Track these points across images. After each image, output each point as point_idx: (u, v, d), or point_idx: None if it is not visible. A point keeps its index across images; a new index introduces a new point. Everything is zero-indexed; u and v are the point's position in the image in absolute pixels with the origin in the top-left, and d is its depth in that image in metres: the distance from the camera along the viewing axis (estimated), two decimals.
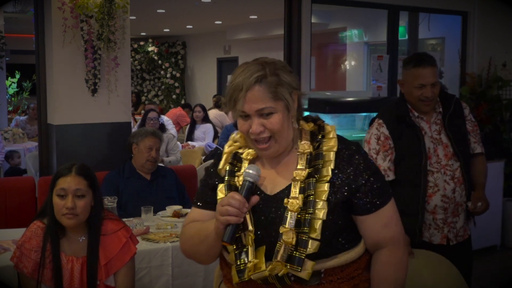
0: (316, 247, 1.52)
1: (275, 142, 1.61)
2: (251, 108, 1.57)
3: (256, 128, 1.58)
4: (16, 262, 2.35)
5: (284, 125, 1.60)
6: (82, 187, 2.29)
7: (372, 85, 5.44)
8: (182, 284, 3.01)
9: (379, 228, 1.63)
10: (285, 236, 1.52)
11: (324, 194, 1.55)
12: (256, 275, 1.55)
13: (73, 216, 2.27)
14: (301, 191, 1.56)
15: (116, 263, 2.36)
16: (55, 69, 4.05)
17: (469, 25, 5.97)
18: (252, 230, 1.57)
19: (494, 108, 5.73)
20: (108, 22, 3.90)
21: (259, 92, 1.56)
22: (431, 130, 2.84)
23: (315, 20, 7.42)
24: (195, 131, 7.85)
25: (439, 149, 2.81)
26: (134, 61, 13.24)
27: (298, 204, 1.54)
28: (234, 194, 1.54)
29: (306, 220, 1.53)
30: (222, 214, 1.52)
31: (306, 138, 1.65)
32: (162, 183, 3.85)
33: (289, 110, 1.61)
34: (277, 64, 1.62)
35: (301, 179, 1.58)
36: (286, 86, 1.59)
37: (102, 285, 2.35)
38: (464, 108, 2.95)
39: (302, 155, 1.62)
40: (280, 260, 1.52)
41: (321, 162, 1.59)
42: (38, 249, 2.31)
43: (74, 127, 4.12)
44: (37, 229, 2.36)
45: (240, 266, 1.57)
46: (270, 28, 10.39)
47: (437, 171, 2.78)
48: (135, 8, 5.20)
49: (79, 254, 2.34)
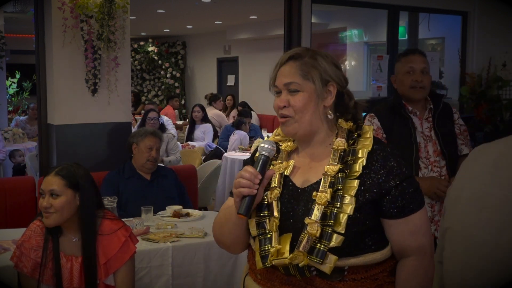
0: (340, 242, 1.51)
1: (295, 122, 1.62)
2: (280, 81, 1.62)
3: (280, 102, 1.62)
4: (16, 262, 2.36)
5: (308, 108, 1.61)
6: (56, 187, 2.30)
7: (372, 85, 5.44)
8: (182, 284, 3.01)
9: (406, 235, 1.60)
10: (309, 228, 1.52)
11: (353, 190, 1.55)
12: (278, 261, 1.55)
13: (49, 215, 2.29)
14: (330, 186, 1.57)
15: (116, 262, 2.36)
16: (55, 69, 4.05)
17: (469, 25, 5.98)
18: (277, 217, 1.58)
19: (494, 108, 5.74)
20: (108, 22, 3.91)
21: (291, 68, 1.62)
22: (423, 126, 2.89)
23: (315, 20, 7.42)
24: (194, 131, 7.85)
25: (429, 146, 2.86)
26: (134, 61, 13.24)
27: (326, 197, 1.54)
28: (247, 167, 1.56)
29: (332, 213, 1.53)
30: (236, 186, 1.55)
31: (342, 135, 1.65)
32: (162, 183, 3.85)
33: (318, 95, 1.62)
34: (321, 52, 1.66)
35: (331, 174, 1.58)
36: (320, 71, 1.62)
37: (102, 285, 2.34)
38: (454, 112, 3.01)
39: (336, 151, 1.62)
40: (302, 250, 1.52)
41: (353, 158, 1.59)
42: (38, 248, 2.32)
43: (74, 127, 4.12)
44: (37, 228, 2.37)
45: (264, 252, 1.58)
46: (270, 28, 10.40)
47: (425, 167, 2.83)
48: (135, 8, 5.20)
49: (78, 253, 2.35)
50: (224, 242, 1.76)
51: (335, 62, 1.66)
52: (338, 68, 1.66)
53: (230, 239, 1.72)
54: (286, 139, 1.73)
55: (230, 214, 1.65)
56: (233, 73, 12.50)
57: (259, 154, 1.60)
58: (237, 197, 1.55)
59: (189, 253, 3.02)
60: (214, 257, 3.07)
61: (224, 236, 1.73)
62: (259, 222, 1.60)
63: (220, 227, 1.74)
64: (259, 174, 1.55)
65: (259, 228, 1.60)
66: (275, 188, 1.62)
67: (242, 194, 1.54)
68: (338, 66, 1.67)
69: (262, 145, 1.60)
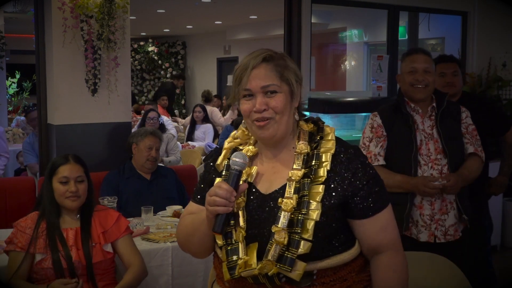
0: (308, 248, 1.51)
1: (275, 123, 1.60)
2: (256, 84, 1.58)
3: (260, 105, 1.58)
4: (10, 239, 2.53)
5: (287, 108, 1.60)
6: (81, 174, 2.63)
7: (372, 85, 5.44)
8: (182, 284, 3.01)
9: (376, 233, 1.61)
10: (277, 236, 1.51)
11: (319, 196, 1.54)
12: (246, 272, 1.54)
13: (76, 198, 2.59)
14: (295, 191, 1.55)
15: (114, 231, 2.65)
16: (55, 69, 4.05)
17: (469, 25, 5.97)
18: (243, 227, 1.56)
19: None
20: (108, 22, 3.90)
21: (266, 70, 1.59)
22: (424, 124, 2.90)
23: (315, 20, 7.42)
24: (195, 131, 7.86)
25: (430, 144, 2.86)
26: (134, 61, 13.23)
27: (292, 204, 1.53)
28: (221, 184, 1.53)
29: (299, 220, 1.52)
30: (210, 204, 1.52)
31: (304, 138, 1.64)
32: (162, 183, 3.85)
33: (293, 97, 1.61)
34: (284, 54, 1.66)
35: (296, 179, 1.57)
36: (292, 72, 1.62)
37: (99, 248, 2.58)
38: (462, 112, 3.00)
39: (299, 155, 1.61)
40: (270, 259, 1.51)
41: (317, 163, 1.58)
42: (33, 225, 2.56)
43: (74, 127, 4.12)
44: (34, 214, 2.63)
45: (231, 263, 1.56)
46: (270, 28, 10.40)
47: (425, 164, 2.84)
48: (135, 8, 5.20)
49: (73, 226, 2.61)
50: (191, 250, 1.75)
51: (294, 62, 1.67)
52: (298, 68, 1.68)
53: (198, 247, 1.71)
54: (246, 143, 1.70)
55: (199, 224, 1.63)
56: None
57: (231, 168, 1.56)
58: (211, 214, 1.53)
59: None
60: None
61: (193, 245, 1.72)
62: (226, 232, 1.58)
63: (187, 236, 1.71)
64: (234, 191, 1.52)
65: (226, 238, 1.58)
66: (239, 197, 1.59)
67: (217, 212, 1.52)
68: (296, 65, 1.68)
69: (234, 159, 1.56)
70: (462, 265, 2.37)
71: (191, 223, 1.69)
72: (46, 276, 2.48)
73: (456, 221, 2.88)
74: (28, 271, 2.49)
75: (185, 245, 1.75)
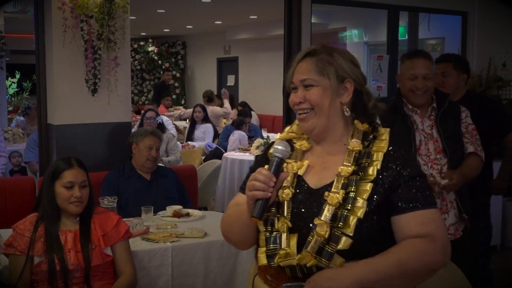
0: (348, 245, 1.49)
1: (315, 115, 1.63)
2: (297, 78, 1.65)
3: (296, 98, 1.64)
4: (10, 242, 2.51)
5: (324, 102, 1.62)
6: (85, 178, 2.65)
7: (372, 85, 5.44)
8: (181, 284, 3.01)
9: (414, 225, 1.52)
10: (318, 228, 1.52)
11: (366, 193, 1.54)
12: (285, 262, 1.54)
13: (80, 203, 2.60)
14: (343, 187, 1.56)
15: (113, 235, 2.65)
16: (55, 69, 4.05)
17: (469, 25, 5.97)
18: (288, 217, 1.57)
19: None
20: (108, 22, 3.90)
21: (307, 64, 1.64)
22: (424, 124, 2.90)
23: (315, 20, 7.42)
24: (195, 131, 7.86)
25: (430, 144, 2.86)
26: (134, 61, 13.24)
27: (338, 199, 1.54)
28: (261, 169, 1.55)
29: (342, 215, 1.52)
30: (250, 189, 1.53)
31: (357, 136, 1.65)
32: (162, 183, 3.85)
33: (334, 91, 1.62)
34: (338, 49, 1.67)
35: (345, 175, 1.58)
36: (336, 68, 1.63)
37: (99, 251, 2.58)
38: (462, 111, 3.00)
39: (351, 152, 1.62)
40: (310, 251, 1.51)
41: (368, 161, 1.59)
42: (32, 228, 2.55)
43: (74, 127, 4.12)
44: (32, 216, 2.62)
45: (270, 251, 1.57)
46: (270, 28, 10.40)
47: (425, 164, 2.83)
48: (135, 8, 5.20)
49: (72, 228, 2.60)
50: (233, 239, 1.75)
51: (352, 59, 1.67)
52: (356, 66, 1.67)
53: (239, 237, 1.71)
54: (300, 137, 1.72)
55: (241, 213, 1.64)
56: (233, 73, 12.50)
57: (273, 156, 1.58)
58: (251, 199, 1.53)
59: (189, 253, 3.02)
60: (214, 257, 3.07)
61: (234, 234, 1.73)
62: (267, 219, 1.59)
63: (230, 225, 1.73)
64: (273, 177, 1.53)
65: (267, 225, 1.59)
66: (287, 188, 1.61)
67: (256, 197, 1.52)
68: (356, 64, 1.67)
69: (276, 146, 1.59)
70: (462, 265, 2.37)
71: (234, 212, 1.71)
72: (43, 278, 2.48)
73: (457, 220, 2.88)
74: (30, 275, 2.49)
75: (227, 234, 1.76)
